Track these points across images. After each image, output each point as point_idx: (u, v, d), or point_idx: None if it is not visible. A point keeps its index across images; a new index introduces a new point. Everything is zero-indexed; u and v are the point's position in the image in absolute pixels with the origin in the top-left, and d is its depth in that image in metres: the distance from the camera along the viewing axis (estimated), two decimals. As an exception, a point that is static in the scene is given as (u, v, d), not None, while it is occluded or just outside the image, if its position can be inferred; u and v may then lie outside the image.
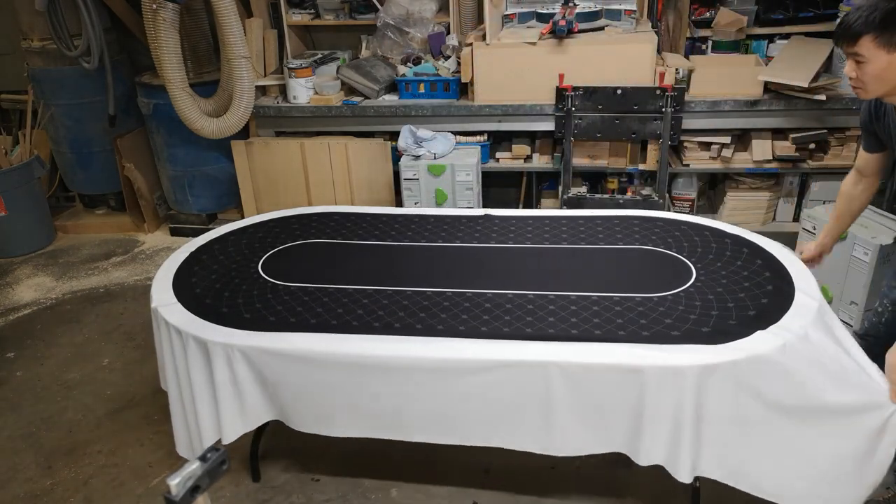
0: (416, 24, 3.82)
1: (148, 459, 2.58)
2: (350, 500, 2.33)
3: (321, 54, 4.03)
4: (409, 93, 3.71)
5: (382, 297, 2.16)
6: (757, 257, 2.26)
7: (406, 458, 2.45)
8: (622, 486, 2.32)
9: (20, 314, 3.66)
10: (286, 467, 2.48)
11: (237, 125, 3.77)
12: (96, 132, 4.34)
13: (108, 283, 3.91)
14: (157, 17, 3.47)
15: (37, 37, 4.13)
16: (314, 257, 2.47)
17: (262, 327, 2.03)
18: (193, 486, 1.03)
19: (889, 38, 1.65)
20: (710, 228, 2.49)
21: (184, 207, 4.37)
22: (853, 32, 1.69)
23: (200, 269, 2.39)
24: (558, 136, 3.56)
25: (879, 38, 1.66)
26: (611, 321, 1.96)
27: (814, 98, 3.31)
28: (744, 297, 2.03)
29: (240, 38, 3.55)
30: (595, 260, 2.34)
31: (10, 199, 4.16)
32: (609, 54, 3.41)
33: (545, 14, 3.65)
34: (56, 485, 2.49)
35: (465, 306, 2.08)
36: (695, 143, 3.59)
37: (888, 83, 1.73)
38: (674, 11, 3.75)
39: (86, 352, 3.28)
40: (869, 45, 1.67)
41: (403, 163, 3.52)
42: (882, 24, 1.64)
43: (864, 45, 1.68)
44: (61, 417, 2.84)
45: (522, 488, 2.34)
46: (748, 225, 3.58)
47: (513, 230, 2.57)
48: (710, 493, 2.16)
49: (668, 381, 1.79)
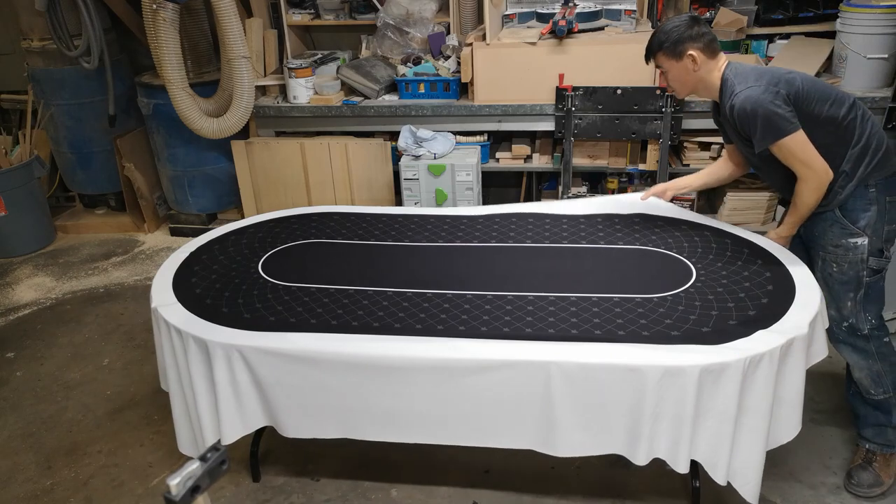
0: (416, 24, 3.82)
1: (148, 459, 2.58)
2: (350, 500, 2.33)
3: (321, 54, 4.03)
4: (409, 93, 3.71)
5: (382, 297, 2.16)
6: (757, 257, 2.26)
7: (406, 459, 2.45)
8: (622, 486, 2.32)
9: (20, 314, 3.66)
10: (286, 467, 2.48)
11: (237, 125, 3.77)
12: (96, 132, 4.34)
13: (108, 283, 3.91)
14: (157, 17, 3.47)
15: (37, 37, 4.13)
16: (314, 257, 2.47)
17: (263, 327, 2.03)
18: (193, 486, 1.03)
19: (673, 51, 2.14)
20: (710, 228, 2.49)
21: (184, 207, 4.38)
22: (650, 52, 2.20)
23: (200, 269, 2.39)
24: (558, 136, 3.56)
25: (665, 52, 2.15)
26: (611, 321, 1.96)
27: (814, 98, 3.31)
28: (744, 297, 2.03)
29: (240, 38, 3.55)
30: (595, 260, 2.34)
31: (10, 199, 4.16)
32: (609, 54, 3.41)
33: (545, 14, 3.65)
34: (56, 485, 2.49)
35: (465, 307, 2.08)
36: (695, 143, 3.59)
37: (687, 85, 2.20)
38: (674, 11, 3.75)
39: (86, 352, 3.28)
40: (662, 58, 2.18)
41: (403, 163, 3.52)
42: (665, 42, 2.14)
43: (660, 59, 2.19)
44: (61, 417, 2.84)
45: (522, 488, 2.34)
46: (748, 225, 3.58)
47: (513, 230, 2.57)
48: (711, 493, 2.16)
49: (668, 381, 1.79)
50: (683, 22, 2.15)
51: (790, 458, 2.36)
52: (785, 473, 2.33)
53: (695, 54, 2.12)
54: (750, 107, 2.00)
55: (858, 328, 2.14)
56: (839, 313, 2.17)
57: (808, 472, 2.34)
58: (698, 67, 2.14)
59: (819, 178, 2.04)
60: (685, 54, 2.13)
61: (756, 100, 2.00)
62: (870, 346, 2.15)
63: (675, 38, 2.13)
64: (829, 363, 2.28)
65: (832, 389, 2.68)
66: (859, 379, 2.21)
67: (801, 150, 2.02)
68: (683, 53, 2.13)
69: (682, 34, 2.12)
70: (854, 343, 2.17)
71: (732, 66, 2.14)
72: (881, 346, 2.16)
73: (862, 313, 2.14)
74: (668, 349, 1.83)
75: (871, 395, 2.20)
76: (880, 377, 2.17)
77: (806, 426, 2.05)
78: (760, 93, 2.00)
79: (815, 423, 2.53)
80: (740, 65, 2.15)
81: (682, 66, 2.15)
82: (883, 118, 3.34)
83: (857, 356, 2.18)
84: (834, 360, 2.40)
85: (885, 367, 2.16)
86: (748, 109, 2.01)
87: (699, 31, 2.13)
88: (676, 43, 2.13)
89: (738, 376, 1.78)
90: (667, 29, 2.16)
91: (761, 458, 1.89)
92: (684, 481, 2.27)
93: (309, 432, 2.08)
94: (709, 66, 2.15)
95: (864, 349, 2.16)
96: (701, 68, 2.14)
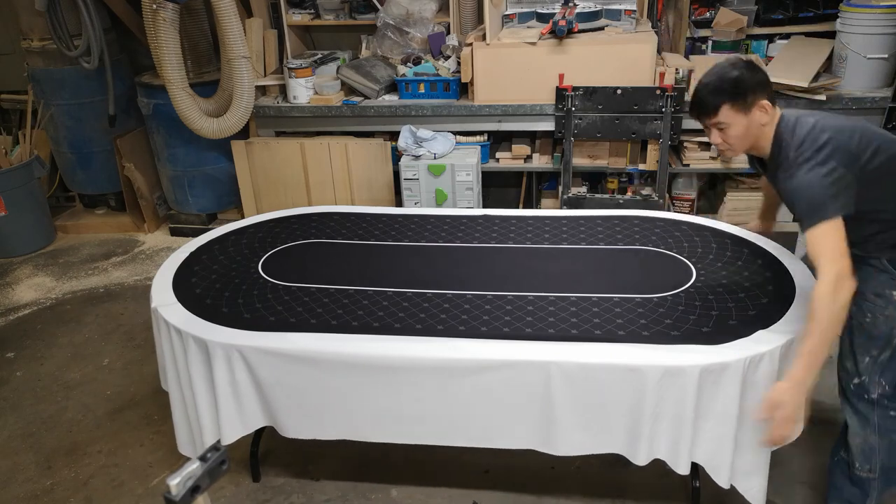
0: (416, 24, 3.82)
1: (148, 459, 2.58)
2: (350, 500, 2.33)
3: (321, 54, 4.03)
4: (409, 93, 3.70)
5: (382, 297, 2.16)
6: (757, 257, 2.26)
7: (406, 459, 2.45)
8: (622, 486, 2.32)
9: (20, 314, 3.66)
10: (286, 467, 2.48)
11: (237, 125, 3.77)
12: (96, 132, 4.34)
13: (108, 283, 3.91)
14: (157, 17, 3.47)
15: (37, 37, 4.13)
16: (314, 257, 2.47)
17: (263, 327, 2.03)
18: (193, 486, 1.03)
19: (743, 102, 1.82)
20: (710, 228, 2.49)
21: (184, 207, 4.37)
22: (712, 105, 1.85)
23: (200, 269, 2.39)
24: (558, 136, 3.56)
25: (734, 104, 1.83)
26: (611, 321, 1.96)
27: (814, 98, 3.31)
28: (744, 297, 2.03)
29: (240, 38, 3.55)
30: (595, 260, 2.34)
31: (10, 199, 4.16)
32: (609, 54, 3.41)
33: (545, 14, 3.65)
34: (56, 485, 2.49)
35: (465, 307, 2.08)
36: (695, 143, 3.59)
37: (750, 139, 1.89)
38: (674, 11, 3.75)
39: (86, 352, 3.28)
40: (727, 112, 1.84)
41: (403, 163, 3.52)
42: (733, 92, 1.82)
43: (724, 113, 1.84)
44: (61, 417, 2.84)
45: (522, 488, 2.34)
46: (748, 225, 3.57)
47: (513, 230, 2.57)
48: (711, 493, 2.16)
49: (668, 381, 1.79)
50: (743, 65, 1.85)
51: (791, 459, 2.36)
52: (786, 474, 2.33)
53: (766, 105, 1.84)
54: (805, 190, 1.75)
55: (868, 390, 1.92)
56: (854, 367, 1.94)
57: (810, 473, 2.34)
58: (769, 120, 1.86)
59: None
60: (756, 105, 1.83)
61: (814, 183, 1.74)
62: (873, 414, 1.93)
63: (744, 87, 1.82)
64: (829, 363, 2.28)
65: (832, 389, 2.67)
66: (850, 447, 2.00)
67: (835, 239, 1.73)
68: (754, 104, 1.83)
69: (751, 81, 1.83)
70: (857, 406, 1.96)
71: (787, 121, 1.86)
72: (885, 419, 1.93)
73: (877, 375, 1.91)
74: (668, 349, 1.84)
75: (856, 469, 2.00)
76: (872, 452, 1.96)
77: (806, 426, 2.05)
78: (821, 177, 1.74)
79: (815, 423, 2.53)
80: (800, 119, 1.84)
81: (750, 119, 1.85)
82: (883, 118, 3.35)
83: (856, 421, 1.97)
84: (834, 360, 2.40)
85: (881, 444, 1.95)
86: (802, 192, 1.76)
87: (762, 76, 1.86)
88: (746, 92, 1.82)
89: (738, 376, 1.78)
90: (728, 76, 1.84)
91: (766, 461, 1.88)
92: (684, 482, 2.27)
93: (309, 433, 2.08)
94: (773, 119, 1.87)
95: (865, 416, 1.94)
96: (769, 121, 1.86)
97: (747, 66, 1.85)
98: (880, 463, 1.96)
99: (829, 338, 1.74)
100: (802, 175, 1.76)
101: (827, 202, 1.73)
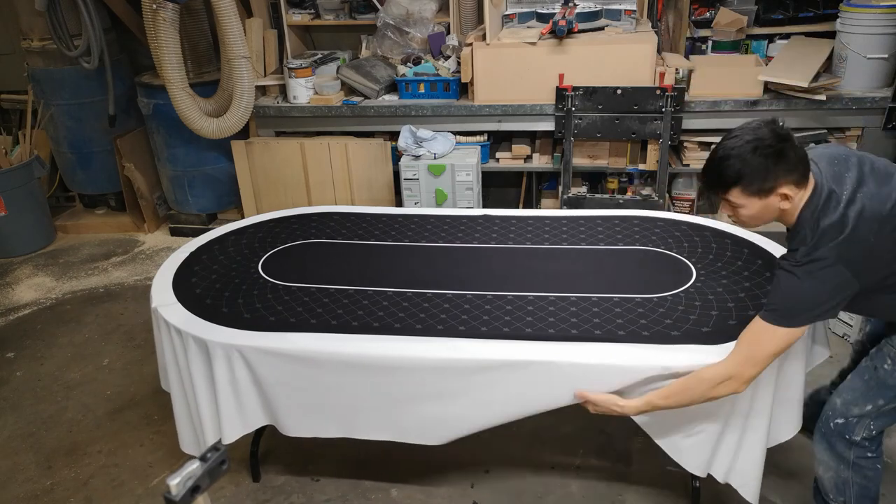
0: (416, 24, 3.82)
1: (148, 459, 2.58)
2: (350, 500, 2.33)
3: (321, 54, 4.03)
4: (409, 93, 3.70)
5: (382, 297, 2.16)
6: (757, 257, 2.26)
7: (406, 459, 2.45)
8: (622, 486, 2.32)
9: (20, 314, 3.66)
10: (286, 467, 2.48)
11: (237, 125, 3.77)
12: (96, 132, 4.34)
13: (108, 283, 3.91)
14: (157, 17, 3.47)
15: (37, 37, 4.13)
16: (314, 257, 2.47)
17: (263, 327, 2.03)
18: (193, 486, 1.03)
19: (758, 188, 1.62)
20: (710, 228, 2.49)
21: (184, 207, 4.37)
22: (723, 185, 1.66)
23: (200, 269, 2.39)
24: (558, 136, 3.56)
25: (748, 188, 1.63)
26: (611, 321, 1.96)
27: (814, 98, 3.31)
28: (744, 297, 2.03)
29: (240, 38, 3.55)
30: (595, 260, 2.34)
31: (10, 199, 4.16)
32: (609, 54, 3.41)
33: (545, 14, 3.65)
34: (56, 485, 2.49)
35: (465, 307, 2.08)
36: (695, 143, 3.59)
37: (766, 219, 1.71)
38: (674, 11, 3.75)
39: (86, 352, 3.28)
40: (739, 195, 1.65)
41: (403, 163, 3.52)
42: (751, 177, 1.61)
43: (735, 195, 1.65)
44: (61, 417, 2.84)
45: (522, 488, 2.34)
46: (748, 225, 3.57)
47: (513, 230, 2.57)
48: (711, 493, 2.16)
49: (667, 381, 1.79)
50: (770, 144, 1.59)
51: (788, 457, 2.36)
52: (783, 472, 2.33)
53: (788, 192, 1.61)
54: (794, 290, 1.62)
55: (851, 432, 1.84)
56: (844, 408, 1.85)
57: (807, 471, 2.34)
58: (790, 207, 1.64)
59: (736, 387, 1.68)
60: (776, 192, 1.62)
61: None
62: (849, 454, 1.86)
63: (764, 174, 1.60)
64: (829, 363, 2.28)
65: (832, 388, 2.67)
66: (821, 478, 1.96)
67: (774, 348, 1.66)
68: (772, 192, 1.62)
69: (775, 168, 1.59)
70: (834, 444, 1.88)
71: (817, 199, 1.63)
72: (862, 458, 1.87)
73: (869, 420, 1.82)
74: (669, 349, 1.83)
75: (830, 499, 1.96)
76: (845, 486, 1.90)
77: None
78: (817, 285, 1.59)
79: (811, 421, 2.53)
80: (831, 200, 1.62)
81: (765, 203, 1.64)
82: (883, 118, 3.35)
83: (828, 456, 1.90)
84: (834, 360, 2.40)
85: (854, 478, 1.88)
86: (790, 291, 1.63)
87: (792, 159, 1.60)
88: (766, 179, 1.60)
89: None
90: (749, 159, 1.59)
91: (761, 459, 1.89)
92: (684, 481, 2.27)
93: (309, 431, 2.08)
94: (797, 200, 1.64)
95: (841, 454, 1.88)
96: (791, 204, 1.64)
97: (775, 149, 1.59)
98: (855, 497, 1.91)
99: (676, 407, 1.77)
100: (802, 274, 1.60)
101: (804, 314, 1.62)
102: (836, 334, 2.97)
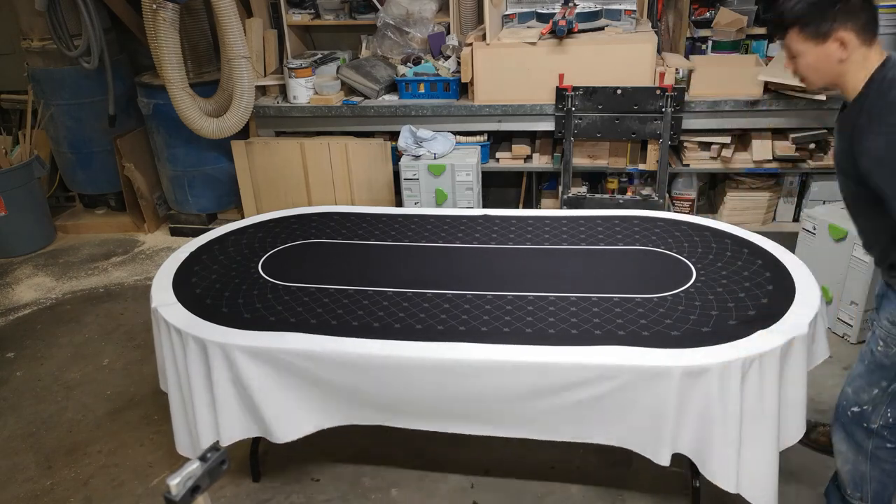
0: (416, 24, 3.82)
1: (148, 459, 2.58)
2: (350, 500, 2.33)
3: (321, 54, 4.03)
4: (409, 93, 3.70)
5: (382, 297, 2.16)
6: (757, 257, 2.26)
7: (406, 459, 2.45)
8: (622, 486, 2.32)
9: (20, 314, 3.66)
10: (286, 467, 2.48)
11: (237, 125, 3.77)
12: (96, 132, 4.34)
13: (108, 283, 3.91)
14: (157, 17, 3.47)
15: (37, 37, 4.13)
16: (314, 257, 2.47)
17: (262, 327, 2.03)
18: (193, 486, 1.03)
19: (815, 30, 1.55)
20: (710, 228, 2.49)
21: (184, 207, 4.37)
22: (780, 24, 1.60)
23: (200, 269, 2.39)
24: (558, 136, 3.56)
25: (804, 30, 1.57)
26: (611, 321, 1.96)
27: (814, 98, 3.31)
28: (744, 297, 2.03)
29: (240, 38, 3.55)
30: (595, 260, 2.34)
31: (10, 199, 4.16)
32: (609, 54, 3.41)
33: (545, 14, 3.65)
34: (56, 485, 2.49)
35: (465, 307, 2.08)
36: (695, 143, 3.59)
37: (825, 75, 1.63)
38: (674, 11, 3.75)
39: (86, 352, 3.28)
40: (796, 37, 1.59)
41: (403, 163, 3.52)
42: (806, 14, 1.56)
43: (792, 38, 1.59)
44: (61, 417, 2.84)
45: (522, 489, 2.34)
46: (748, 225, 3.58)
47: (513, 230, 2.57)
48: (711, 493, 2.16)
49: (667, 381, 1.79)
50: None
51: (791, 459, 2.36)
52: (786, 474, 2.32)
53: (846, 37, 1.55)
54: None
55: (868, 419, 1.83)
56: (856, 395, 1.85)
57: (809, 473, 2.34)
58: (846, 57, 1.57)
59: None
60: (831, 37, 1.56)
61: None
62: (868, 443, 1.85)
63: (820, 11, 1.54)
64: (829, 363, 2.28)
65: (833, 389, 2.67)
66: (840, 472, 1.96)
67: None
68: (829, 36, 1.55)
69: (831, 8, 1.54)
70: (853, 433, 1.88)
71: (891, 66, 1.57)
72: (880, 449, 1.85)
73: (883, 406, 1.80)
74: (668, 349, 1.83)
75: (847, 495, 1.95)
76: (863, 481, 1.89)
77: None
78: None
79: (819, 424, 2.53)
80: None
81: (822, 51, 1.57)
82: (883, 118, 3.34)
83: (847, 447, 1.90)
84: (834, 360, 2.40)
85: (872, 472, 1.87)
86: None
87: (855, 3, 1.54)
88: (823, 18, 1.54)
89: (737, 376, 1.78)
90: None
91: (774, 467, 1.85)
92: (684, 481, 2.27)
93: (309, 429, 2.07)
94: (858, 57, 1.57)
95: (860, 444, 1.87)
96: (850, 58, 1.57)
97: None
98: (872, 493, 1.91)
99: None
100: None
101: None
102: (836, 334, 2.97)
